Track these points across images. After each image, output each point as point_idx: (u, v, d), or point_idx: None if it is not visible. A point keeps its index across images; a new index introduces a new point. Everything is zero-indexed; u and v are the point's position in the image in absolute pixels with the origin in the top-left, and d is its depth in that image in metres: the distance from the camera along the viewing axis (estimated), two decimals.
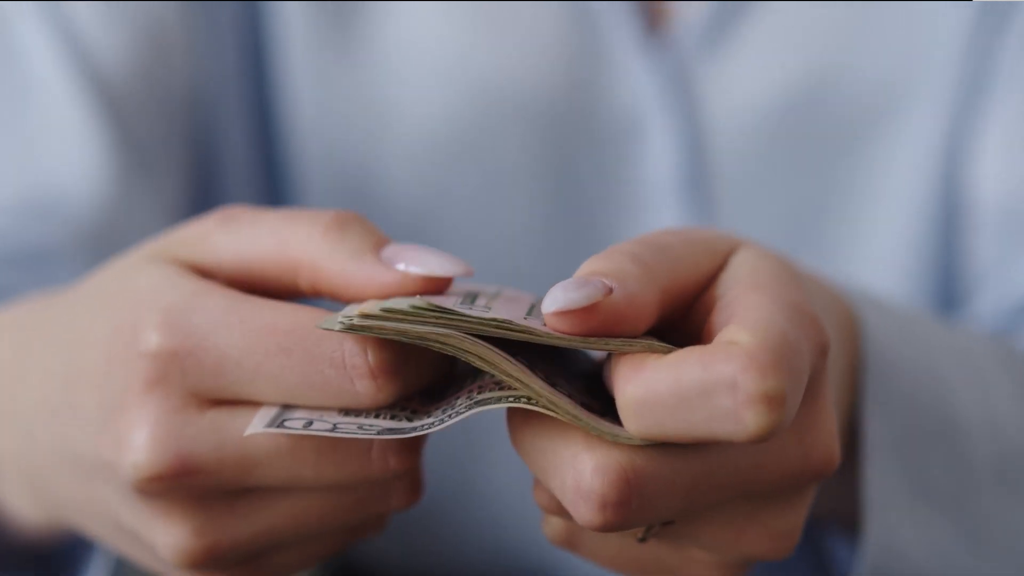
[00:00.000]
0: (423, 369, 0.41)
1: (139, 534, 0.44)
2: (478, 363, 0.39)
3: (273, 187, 0.75)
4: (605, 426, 0.38)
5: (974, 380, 0.55)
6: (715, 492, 0.39)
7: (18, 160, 0.67)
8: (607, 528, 0.38)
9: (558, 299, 0.38)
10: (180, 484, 0.41)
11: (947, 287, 0.73)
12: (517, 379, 0.39)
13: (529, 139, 0.71)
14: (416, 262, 0.42)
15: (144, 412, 0.41)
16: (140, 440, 0.41)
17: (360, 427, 0.40)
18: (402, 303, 0.39)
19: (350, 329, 0.39)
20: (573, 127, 0.71)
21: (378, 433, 0.40)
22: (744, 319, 0.38)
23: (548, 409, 0.38)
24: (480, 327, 0.38)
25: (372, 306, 0.39)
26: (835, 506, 0.56)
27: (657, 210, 0.72)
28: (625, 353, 0.38)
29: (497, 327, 0.38)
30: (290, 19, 0.71)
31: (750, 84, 0.71)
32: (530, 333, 0.39)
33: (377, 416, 0.41)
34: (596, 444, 0.38)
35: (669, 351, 0.38)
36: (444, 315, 0.38)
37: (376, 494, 0.43)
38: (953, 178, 0.71)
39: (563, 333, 0.39)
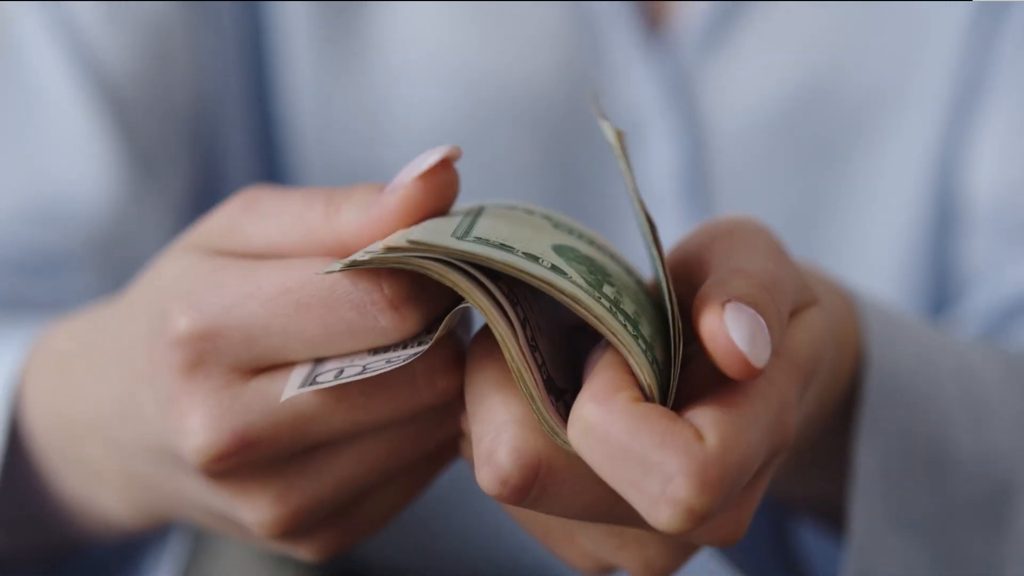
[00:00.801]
0: (441, 292, 0.41)
1: (227, 516, 0.45)
2: (475, 306, 0.39)
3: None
4: (551, 419, 0.39)
5: (973, 410, 0.55)
6: (610, 517, 0.40)
7: (26, 166, 0.68)
8: (497, 499, 0.39)
9: (751, 343, 0.38)
10: (244, 459, 0.42)
11: (940, 286, 0.74)
12: (502, 338, 0.39)
13: (529, 142, 0.72)
14: (409, 173, 0.42)
15: (192, 398, 0.42)
16: (194, 425, 0.42)
17: (388, 361, 0.40)
18: (433, 235, 0.39)
19: (351, 265, 0.39)
20: (573, 130, 0.72)
21: (405, 360, 0.40)
22: (727, 411, 0.38)
23: (514, 372, 0.39)
24: (501, 267, 0.38)
25: (399, 238, 0.39)
26: (803, 492, 0.56)
27: (657, 213, 0.72)
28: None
29: (518, 272, 0.38)
30: (291, 21, 0.72)
31: (749, 87, 0.71)
32: (550, 285, 0.38)
33: (404, 347, 0.41)
34: (529, 424, 0.39)
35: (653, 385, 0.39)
36: (470, 251, 0.38)
37: (437, 419, 0.43)
38: (948, 179, 0.72)
39: (700, 338, 0.38)
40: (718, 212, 0.73)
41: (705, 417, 0.37)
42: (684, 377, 0.40)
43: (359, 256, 0.40)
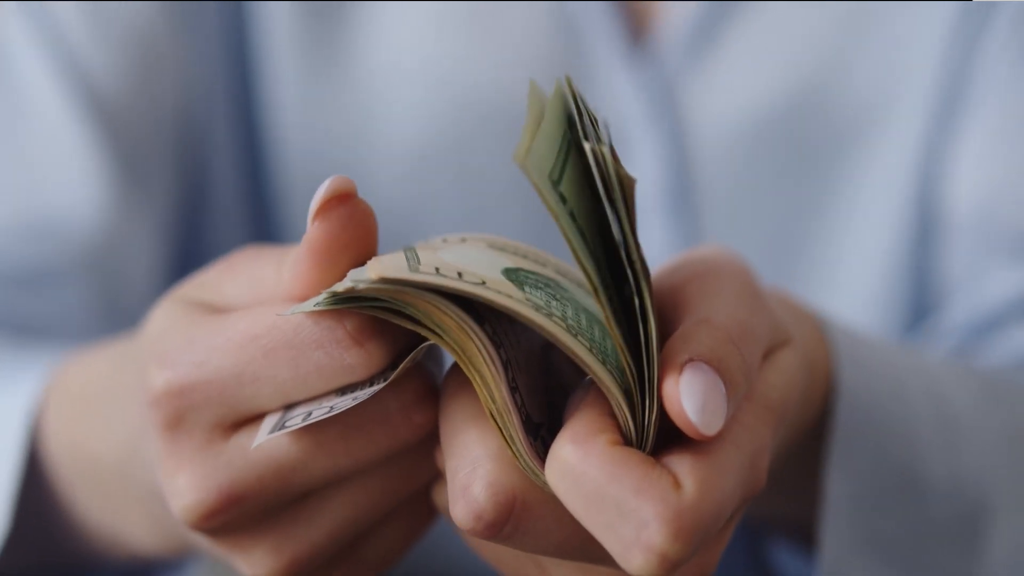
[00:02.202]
0: (403, 328, 0.41)
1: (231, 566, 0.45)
2: (457, 351, 0.39)
3: (260, 198, 0.76)
4: (529, 460, 0.39)
5: (946, 435, 0.55)
6: (582, 556, 0.40)
7: (17, 180, 0.68)
8: (471, 534, 0.39)
9: (703, 415, 0.38)
10: (233, 514, 0.42)
11: (921, 297, 0.74)
12: (486, 383, 0.39)
13: (512, 151, 0.72)
14: (311, 211, 0.42)
15: (176, 457, 0.42)
16: (181, 485, 0.42)
17: (355, 398, 0.40)
18: (402, 271, 0.39)
19: (332, 298, 0.39)
20: None
21: (370, 395, 0.40)
22: (703, 458, 0.38)
23: (493, 416, 0.39)
24: (489, 301, 0.38)
25: (384, 269, 0.39)
26: (784, 512, 0.57)
27: (642, 224, 0.72)
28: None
29: (500, 304, 0.38)
30: (276, 29, 0.72)
31: (734, 97, 0.71)
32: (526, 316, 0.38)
33: (371, 384, 0.41)
34: (505, 459, 0.39)
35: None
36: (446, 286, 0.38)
37: (425, 454, 0.43)
38: (931, 188, 0.72)
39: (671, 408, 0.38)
40: (703, 222, 0.73)
41: (683, 464, 0.38)
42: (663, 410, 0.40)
43: (362, 285, 0.39)
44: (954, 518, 0.55)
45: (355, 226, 0.41)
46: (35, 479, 0.57)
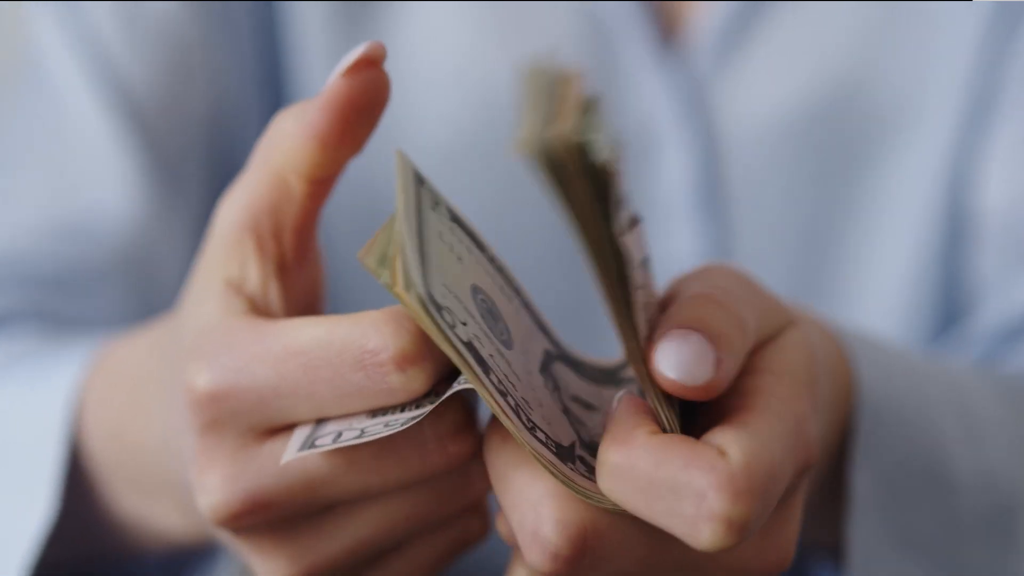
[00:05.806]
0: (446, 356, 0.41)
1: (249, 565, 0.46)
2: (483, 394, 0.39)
3: None
4: (579, 484, 0.39)
5: (970, 431, 0.55)
6: (663, 566, 0.40)
7: (52, 182, 0.69)
8: (551, 575, 0.39)
9: (681, 369, 0.38)
10: (257, 519, 0.42)
11: (951, 300, 0.74)
12: (510, 425, 0.39)
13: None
14: (335, 73, 0.42)
15: (209, 456, 0.42)
16: (210, 483, 0.42)
17: (386, 425, 0.40)
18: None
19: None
20: None
21: (403, 424, 0.40)
22: (744, 428, 0.38)
23: (530, 453, 0.39)
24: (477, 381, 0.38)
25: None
26: (818, 534, 0.56)
27: (672, 225, 0.72)
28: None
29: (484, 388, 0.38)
30: (307, 34, 0.72)
31: (764, 98, 0.72)
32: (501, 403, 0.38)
33: (403, 410, 0.41)
34: (563, 494, 0.39)
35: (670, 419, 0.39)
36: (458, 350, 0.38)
37: (453, 484, 0.43)
38: (960, 191, 0.72)
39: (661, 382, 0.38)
40: (733, 224, 0.73)
41: (725, 436, 0.38)
42: (696, 408, 0.40)
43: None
44: (985, 513, 0.54)
45: (374, 93, 0.42)
46: (77, 470, 0.57)
